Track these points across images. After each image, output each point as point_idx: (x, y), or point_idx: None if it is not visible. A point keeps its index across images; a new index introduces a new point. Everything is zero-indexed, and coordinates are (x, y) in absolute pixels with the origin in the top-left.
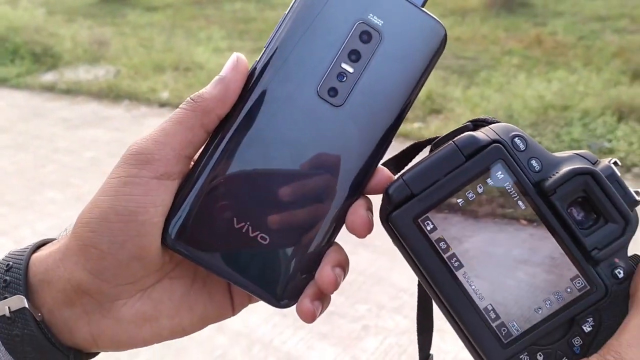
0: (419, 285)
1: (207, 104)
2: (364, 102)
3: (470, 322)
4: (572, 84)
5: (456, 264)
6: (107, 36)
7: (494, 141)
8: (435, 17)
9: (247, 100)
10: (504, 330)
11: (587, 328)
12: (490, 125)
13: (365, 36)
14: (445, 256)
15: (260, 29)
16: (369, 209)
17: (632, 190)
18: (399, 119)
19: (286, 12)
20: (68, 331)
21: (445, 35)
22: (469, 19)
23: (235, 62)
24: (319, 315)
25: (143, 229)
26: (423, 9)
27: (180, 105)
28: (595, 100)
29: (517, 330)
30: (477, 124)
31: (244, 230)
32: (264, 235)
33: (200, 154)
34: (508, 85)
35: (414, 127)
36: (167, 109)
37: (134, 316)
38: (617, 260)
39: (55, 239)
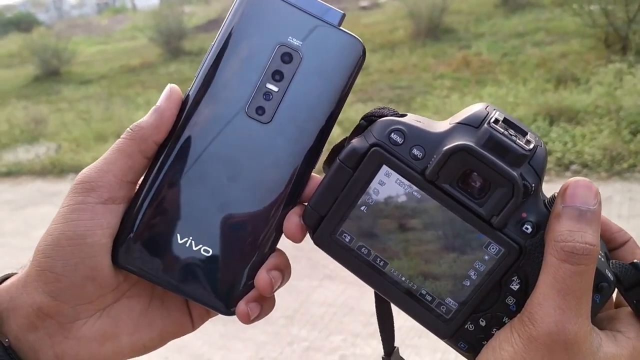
0: None
1: (144, 132)
2: (291, 117)
3: (412, 309)
4: (502, 96)
5: (381, 263)
6: (43, 114)
7: (372, 145)
8: (353, 34)
9: (182, 126)
10: (442, 307)
11: (514, 286)
12: (370, 126)
13: (287, 57)
14: (369, 259)
15: None
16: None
17: (519, 142)
18: (326, 130)
19: (212, 43)
20: (34, 355)
21: (364, 49)
22: (399, 51)
23: (169, 92)
24: (256, 317)
25: (92, 251)
26: (340, 27)
27: (121, 136)
28: (526, 109)
29: (455, 305)
30: (369, 119)
31: (187, 245)
32: (206, 247)
33: (143, 178)
34: (444, 106)
35: None
36: None
37: (95, 335)
38: (524, 215)
39: (16, 273)
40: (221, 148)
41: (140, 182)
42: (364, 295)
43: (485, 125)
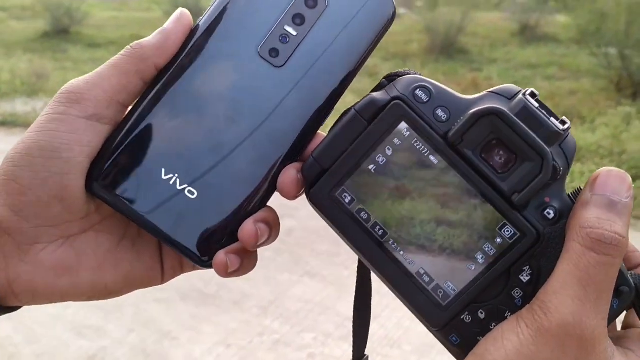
0: (359, 267)
1: (145, 52)
2: (306, 65)
3: (405, 289)
4: None
5: (380, 232)
6: (47, 70)
7: (394, 98)
8: None
9: (187, 54)
10: (440, 292)
11: (525, 277)
12: (394, 82)
13: (311, 1)
14: (368, 226)
15: None
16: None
17: (554, 120)
18: (342, 86)
19: None
20: None
21: (394, 11)
22: (411, 63)
23: (179, 15)
24: (235, 271)
25: (66, 167)
26: None
27: (119, 52)
28: None
29: (454, 290)
30: (391, 78)
31: (171, 182)
32: (191, 189)
33: (135, 103)
34: None
35: None
36: None
37: (53, 263)
38: (547, 199)
39: None
40: (225, 85)
41: (131, 107)
42: (342, 297)
43: (520, 95)
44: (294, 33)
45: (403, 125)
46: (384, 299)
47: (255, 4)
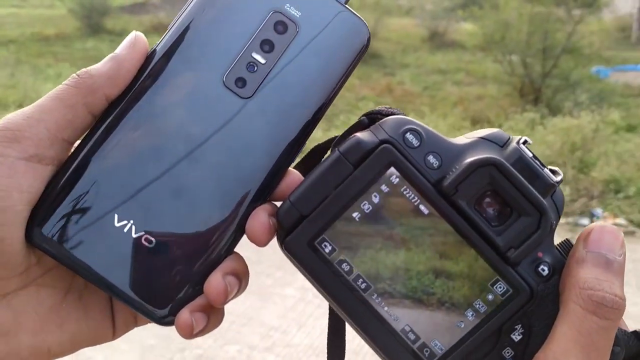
0: (330, 311)
1: (94, 81)
2: (276, 96)
3: (388, 347)
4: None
5: (363, 285)
6: None
7: (382, 141)
8: (360, 16)
9: (143, 84)
10: (426, 351)
11: (516, 337)
12: (380, 122)
13: (281, 27)
14: (349, 279)
15: None
16: (273, 215)
17: (547, 171)
18: (315, 119)
19: None
20: None
21: (369, 37)
22: None
23: (133, 40)
24: (201, 331)
25: (3, 217)
26: (346, 6)
27: (64, 82)
28: None
29: (441, 349)
30: (372, 117)
31: (125, 230)
32: (149, 237)
33: (83, 139)
34: None
35: None
36: None
37: None
38: (540, 254)
39: None
40: (186, 119)
41: (78, 143)
42: (265, 306)
43: (514, 144)
44: (263, 61)
45: (392, 171)
46: (308, 307)
47: (219, 28)
